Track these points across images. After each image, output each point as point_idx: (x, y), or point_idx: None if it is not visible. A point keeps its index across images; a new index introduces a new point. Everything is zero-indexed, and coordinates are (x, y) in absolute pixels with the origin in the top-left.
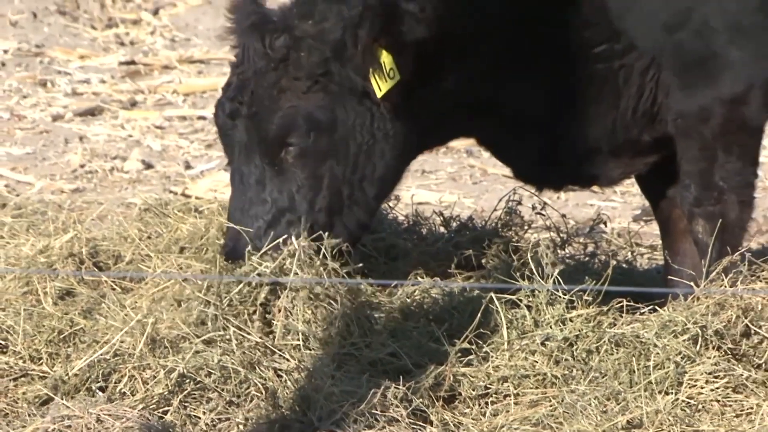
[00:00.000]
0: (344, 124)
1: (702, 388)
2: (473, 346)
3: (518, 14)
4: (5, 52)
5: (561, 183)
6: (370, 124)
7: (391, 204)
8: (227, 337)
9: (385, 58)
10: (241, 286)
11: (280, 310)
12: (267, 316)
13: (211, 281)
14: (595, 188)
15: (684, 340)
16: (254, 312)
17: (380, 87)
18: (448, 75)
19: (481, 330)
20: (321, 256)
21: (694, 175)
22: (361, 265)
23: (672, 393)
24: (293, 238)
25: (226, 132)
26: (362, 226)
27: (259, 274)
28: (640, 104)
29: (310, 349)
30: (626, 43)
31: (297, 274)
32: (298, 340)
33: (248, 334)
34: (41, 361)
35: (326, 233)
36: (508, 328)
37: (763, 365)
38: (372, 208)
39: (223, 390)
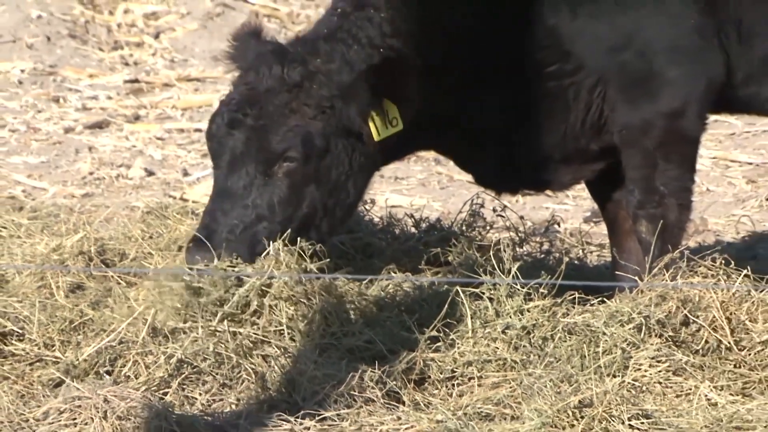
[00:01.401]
0: (332, 154)
1: (646, 371)
2: (441, 334)
3: (481, 39)
4: (22, 71)
5: (517, 188)
6: (352, 157)
7: (367, 207)
8: (220, 327)
9: (389, 108)
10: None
11: (266, 306)
12: (258, 310)
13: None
14: (549, 192)
15: (629, 329)
16: (246, 305)
17: (379, 132)
18: (416, 96)
19: (448, 320)
20: (297, 257)
21: (637, 181)
22: (328, 260)
23: (619, 376)
24: (269, 241)
25: (220, 139)
26: (325, 239)
27: (240, 279)
28: (588, 117)
29: (294, 340)
30: (576, 63)
31: (277, 271)
32: (283, 331)
33: (240, 326)
34: (54, 348)
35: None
36: (472, 318)
37: (700, 351)
38: (337, 226)
39: (217, 374)
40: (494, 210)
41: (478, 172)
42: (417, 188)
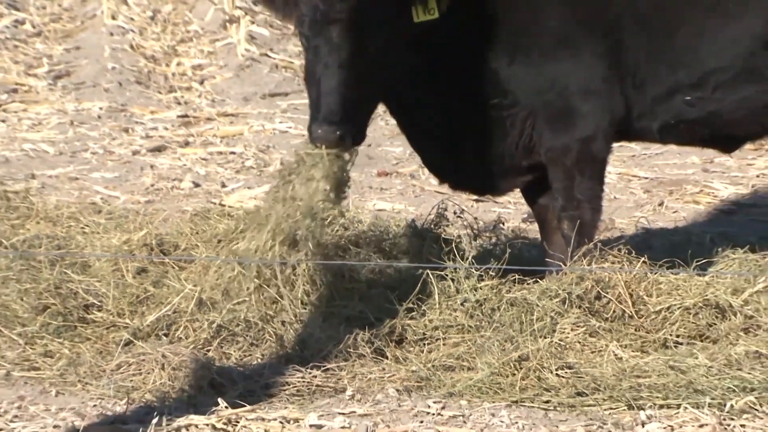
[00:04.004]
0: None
1: (568, 334)
2: (415, 306)
3: (445, 76)
4: (100, 109)
5: (456, 185)
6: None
7: (359, 210)
8: (251, 300)
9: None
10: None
11: (285, 284)
12: (276, 286)
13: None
14: (490, 197)
15: (556, 302)
16: (269, 283)
17: (418, 15)
18: (412, 58)
19: (420, 295)
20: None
21: (560, 191)
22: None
23: (548, 337)
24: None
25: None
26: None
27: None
28: (521, 141)
29: (305, 309)
30: (512, 99)
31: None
32: (297, 303)
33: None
34: (124, 316)
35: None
36: (438, 293)
37: (609, 318)
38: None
39: (247, 336)
40: (455, 213)
41: (425, 157)
42: (397, 196)
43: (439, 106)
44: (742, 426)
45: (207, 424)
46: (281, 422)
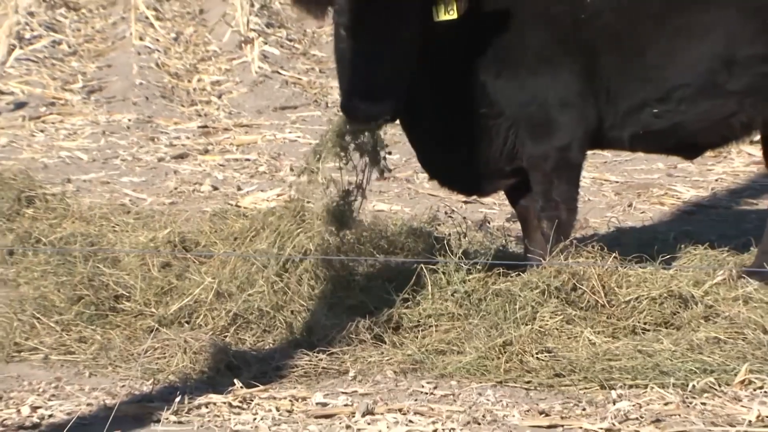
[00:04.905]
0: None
1: (547, 321)
2: (410, 296)
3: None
4: (129, 120)
5: (443, 182)
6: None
7: (360, 210)
8: (264, 291)
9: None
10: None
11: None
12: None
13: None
14: (477, 198)
15: (537, 293)
16: (282, 274)
17: (438, 15)
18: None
19: (415, 287)
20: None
21: (539, 194)
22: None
23: (530, 324)
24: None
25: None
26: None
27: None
28: (504, 148)
29: (311, 300)
30: (497, 110)
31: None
32: (304, 294)
33: (274, 292)
34: (150, 306)
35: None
36: (431, 285)
37: (584, 307)
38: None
39: (260, 323)
40: (446, 213)
41: (420, 156)
42: (394, 198)
43: (435, 112)
44: (703, 404)
45: (224, 402)
46: (291, 400)
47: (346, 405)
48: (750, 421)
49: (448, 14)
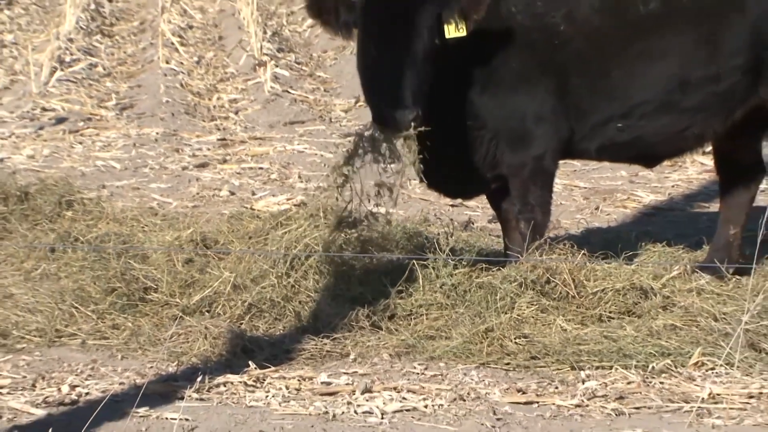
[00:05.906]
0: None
1: (524, 310)
2: (404, 288)
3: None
4: (157, 133)
5: (433, 182)
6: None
7: (359, 213)
8: (275, 284)
9: (461, 20)
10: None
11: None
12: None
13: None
14: (461, 201)
15: (515, 285)
16: (291, 269)
17: (449, 32)
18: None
19: (408, 280)
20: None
21: (517, 198)
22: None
23: (509, 313)
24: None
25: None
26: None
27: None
28: (486, 157)
29: (317, 292)
30: (481, 123)
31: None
32: (310, 286)
33: (281, 284)
34: (175, 297)
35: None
36: (422, 279)
37: (557, 298)
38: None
39: (271, 312)
40: (435, 215)
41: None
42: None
43: (429, 122)
44: (662, 383)
45: (240, 382)
46: (298, 380)
47: (347, 384)
48: (703, 398)
49: (458, 32)
